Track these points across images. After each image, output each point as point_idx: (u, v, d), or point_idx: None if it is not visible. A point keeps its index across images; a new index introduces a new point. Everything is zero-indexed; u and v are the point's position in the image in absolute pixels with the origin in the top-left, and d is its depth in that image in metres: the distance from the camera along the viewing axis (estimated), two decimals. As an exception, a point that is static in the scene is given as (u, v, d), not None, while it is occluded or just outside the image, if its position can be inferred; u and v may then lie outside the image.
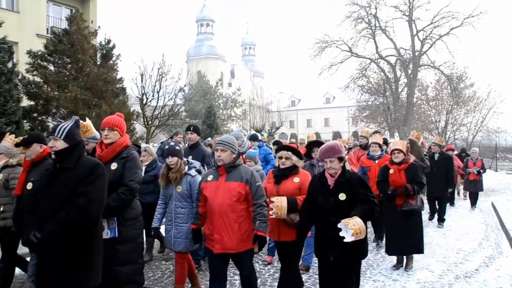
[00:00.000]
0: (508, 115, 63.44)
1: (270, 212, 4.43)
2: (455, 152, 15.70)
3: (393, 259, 7.03)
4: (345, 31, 72.03)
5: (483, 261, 7.00)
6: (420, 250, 6.41)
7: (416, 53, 35.13)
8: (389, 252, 6.51)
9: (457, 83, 35.26)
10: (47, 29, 21.74)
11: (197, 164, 5.55)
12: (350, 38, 36.54)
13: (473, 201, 13.00)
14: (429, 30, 34.87)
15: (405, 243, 6.22)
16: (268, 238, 5.03)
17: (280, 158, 4.88)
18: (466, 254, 7.42)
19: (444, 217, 10.16)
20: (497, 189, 17.52)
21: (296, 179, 4.81)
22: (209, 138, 11.12)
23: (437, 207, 10.33)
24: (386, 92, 36.77)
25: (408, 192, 6.07)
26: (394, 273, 6.33)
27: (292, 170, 4.86)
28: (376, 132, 10.73)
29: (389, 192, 6.23)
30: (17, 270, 5.39)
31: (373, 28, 35.59)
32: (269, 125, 42.57)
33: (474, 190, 12.97)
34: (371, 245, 7.95)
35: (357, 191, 4.02)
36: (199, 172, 5.23)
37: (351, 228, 3.69)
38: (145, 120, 22.90)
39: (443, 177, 9.90)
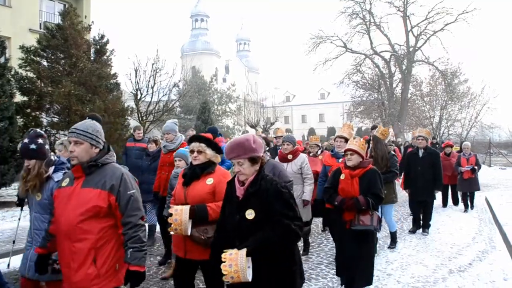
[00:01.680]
0: (501, 110, 63.81)
1: (168, 229, 3.58)
2: (455, 149, 13.98)
3: (388, 254, 7.07)
4: (339, 26, 72.56)
5: (477, 256, 7.05)
6: (368, 282, 4.95)
7: (411, 49, 35.24)
8: (337, 273, 5.28)
9: (451, 78, 35.45)
10: (40, 24, 21.62)
11: None
12: (344, 33, 36.75)
13: (469, 201, 11.61)
14: (424, 25, 35.04)
15: (351, 270, 4.91)
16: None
17: (192, 152, 3.89)
18: (460, 249, 7.46)
19: (430, 222, 8.78)
20: (491, 184, 17.61)
21: (210, 180, 3.75)
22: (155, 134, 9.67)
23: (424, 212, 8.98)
24: (381, 88, 36.88)
25: (359, 206, 4.74)
26: (388, 267, 6.36)
27: (206, 168, 3.81)
28: (374, 127, 10.55)
29: (336, 203, 4.95)
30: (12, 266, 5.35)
31: (367, 23, 35.67)
32: (264, 121, 42.54)
33: (470, 190, 11.52)
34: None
35: (271, 208, 2.95)
36: None
37: (223, 269, 2.83)
38: (139, 115, 22.82)
39: (429, 177, 8.30)
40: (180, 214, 3.54)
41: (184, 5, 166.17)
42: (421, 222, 8.83)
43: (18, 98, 15.01)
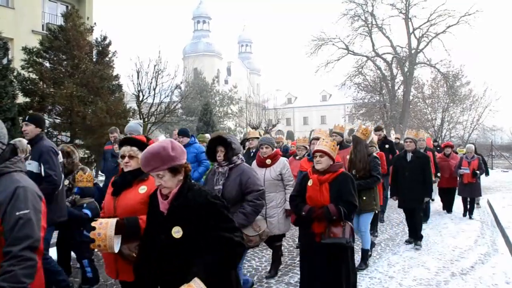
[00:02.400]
0: (504, 113, 63.70)
1: (91, 245, 3.06)
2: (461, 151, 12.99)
3: (390, 256, 7.05)
4: (341, 28, 72.41)
5: (479, 259, 7.02)
6: None
7: (413, 51, 35.21)
8: None
9: (453, 81, 35.41)
10: (42, 25, 21.66)
11: (34, 165, 4.61)
12: (346, 35, 36.72)
13: (469, 208, 10.70)
14: (426, 28, 35.03)
15: None
16: None
17: (122, 157, 3.46)
18: (462, 252, 7.44)
19: (423, 233, 7.98)
20: (493, 187, 17.56)
21: (143, 189, 3.33)
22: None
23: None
24: (383, 90, 36.86)
25: (330, 216, 4.19)
26: (390, 270, 6.34)
27: (139, 175, 3.37)
28: (378, 129, 10.35)
29: (303, 213, 4.35)
30: None
31: (369, 25, 35.65)
32: (266, 123, 42.53)
33: (470, 195, 10.64)
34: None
35: (204, 223, 2.53)
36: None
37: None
38: (141, 117, 22.83)
39: (418, 183, 7.47)
40: (104, 228, 3.02)
41: (186, 6, 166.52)
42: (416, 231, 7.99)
43: (21, 99, 15.05)
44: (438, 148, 15.48)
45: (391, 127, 35.34)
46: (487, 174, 11.05)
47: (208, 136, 12.63)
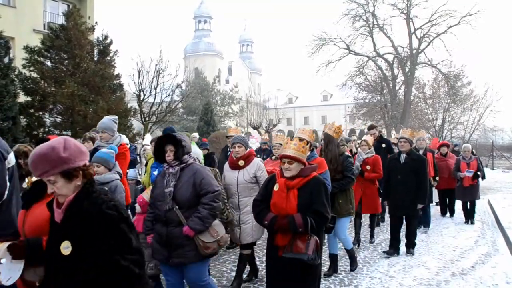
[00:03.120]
0: (505, 113, 63.66)
1: None
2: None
3: (390, 256, 7.05)
4: (343, 28, 72.37)
5: (479, 259, 7.03)
6: None
7: (414, 51, 35.15)
8: None
9: (454, 81, 35.34)
10: (44, 24, 21.68)
11: None
12: (347, 35, 36.55)
13: (469, 213, 10.06)
14: (427, 28, 34.92)
15: None
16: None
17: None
18: (463, 252, 7.44)
19: (416, 240, 7.39)
20: (494, 187, 17.56)
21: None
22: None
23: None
24: (384, 90, 36.80)
25: (295, 227, 3.62)
26: (390, 270, 6.34)
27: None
28: (371, 127, 9.81)
29: (265, 222, 3.80)
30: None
31: (371, 25, 35.59)
32: (267, 122, 42.53)
33: (471, 198, 10.00)
34: (367, 244, 7.99)
35: (94, 238, 2.12)
36: None
37: None
38: (142, 116, 22.88)
39: (412, 187, 6.83)
40: None
41: (187, 6, 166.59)
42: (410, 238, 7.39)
43: (22, 98, 15.08)
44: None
45: (392, 127, 35.36)
46: (483, 177, 10.27)
47: (196, 135, 12.43)
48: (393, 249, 7.14)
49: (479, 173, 9.94)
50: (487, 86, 37.82)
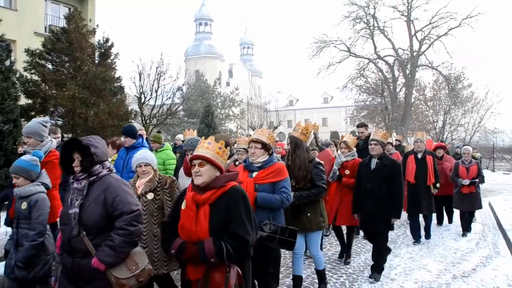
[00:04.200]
0: (505, 115, 63.73)
1: None
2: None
3: (391, 259, 7.05)
4: (343, 31, 72.38)
5: (480, 261, 7.03)
6: None
7: (414, 54, 35.17)
8: None
9: (455, 83, 35.36)
10: (45, 27, 21.71)
11: None
12: (348, 38, 36.61)
13: (466, 224, 9.06)
14: (427, 30, 34.97)
15: None
16: None
17: None
18: (464, 254, 7.45)
19: (385, 265, 6.33)
20: (494, 189, 17.56)
21: None
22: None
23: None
24: (384, 92, 36.82)
25: (205, 257, 2.89)
26: (391, 272, 6.34)
27: None
28: (361, 125, 8.94)
29: (172, 251, 3.06)
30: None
31: (371, 28, 35.64)
32: (267, 125, 42.59)
33: (469, 208, 8.94)
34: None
35: None
36: None
37: None
38: (143, 119, 22.89)
39: (383, 198, 5.82)
40: None
41: (188, 9, 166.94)
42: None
43: (23, 101, 15.09)
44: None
45: (392, 130, 35.39)
46: (482, 181, 9.10)
47: (180, 137, 11.94)
48: (377, 271, 6.07)
49: (476, 180, 8.72)
50: (488, 88, 37.90)
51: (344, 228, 7.08)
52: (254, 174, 4.35)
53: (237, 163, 5.81)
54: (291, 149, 5.13)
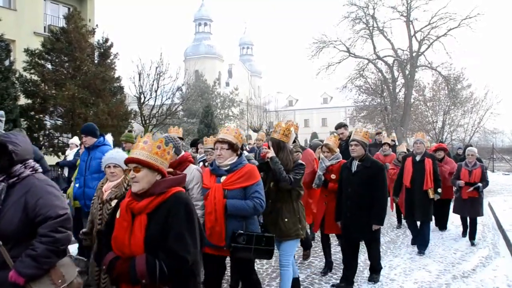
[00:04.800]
0: (505, 116, 63.81)
1: None
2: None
3: (391, 259, 7.04)
4: (343, 31, 72.27)
5: (480, 261, 7.03)
6: None
7: (414, 54, 35.18)
8: None
9: (454, 84, 35.38)
10: (44, 27, 21.70)
11: None
12: (348, 38, 36.60)
13: (469, 231, 8.31)
14: (427, 31, 34.96)
15: None
16: None
17: None
18: (463, 254, 7.44)
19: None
20: (494, 189, 17.54)
21: None
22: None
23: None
24: (384, 93, 36.82)
25: (135, 277, 2.51)
26: (391, 272, 6.34)
27: None
28: (339, 126, 8.30)
29: (104, 266, 2.77)
30: None
31: (370, 28, 35.63)
32: (267, 125, 42.63)
33: (470, 214, 8.16)
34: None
35: None
36: None
37: None
38: (142, 119, 22.91)
39: (364, 203, 5.38)
40: None
41: (187, 9, 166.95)
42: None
43: (22, 101, 15.10)
44: (461, 153, 13.29)
45: (392, 130, 35.42)
46: (486, 185, 8.22)
47: (159, 135, 11.75)
48: (346, 283, 5.59)
49: (479, 184, 7.91)
50: (487, 89, 37.94)
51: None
52: (223, 178, 3.95)
53: (206, 163, 5.43)
54: (274, 153, 4.59)
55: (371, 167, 5.42)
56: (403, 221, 9.38)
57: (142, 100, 23.63)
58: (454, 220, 10.56)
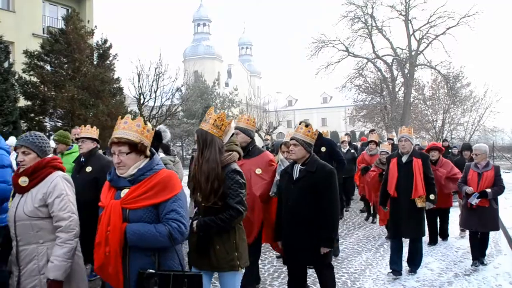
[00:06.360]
0: (505, 114, 63.84)
1: None
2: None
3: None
4: (341, 30, 72.66)
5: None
6: None
7: (413, 53, 35.24)
8: None
9: (454, 82, 35.42)
10: (43, 29, 21.72)
11: None
12: (346, 37, 36.70)
13: (479, 249, 6.56)
14: (426, 29, 35.04)
15: None
16: None
17: None
18: (465, 253, 7.42)
19: None
20: (495, 188, 17.55)
21: None
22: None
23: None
24: (383, 92, 36.86)
25: None
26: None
27: None
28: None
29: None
30: None
31: (369, 27, 35.67)
32: (267, 125, 42.62)
33: (480, 228, 6.38)
34: (369, 245, 7.97)
35: None
36: None
37: None
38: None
39: (308, 219, 4.18)
40: None
41: (186, 9, 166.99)
42: None
43: (22, 102, 15.10)
44: (450, 151, 12.51)
45: (392, 129, 35.42)
46: (501, 191, 6.45)
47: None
48: None
49: (488, 190, 6.18)
50: (487, 87, 37.88)
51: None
52: (124, 192, 2.74)
53: None
54: (198, 150, 3.46)
55: (317, 172, 4.18)
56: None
57: (141, 101, 23.63)
58: (455, 219, 10.53)
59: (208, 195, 3.32)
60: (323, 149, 6.78)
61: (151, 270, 2.62)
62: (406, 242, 6.23)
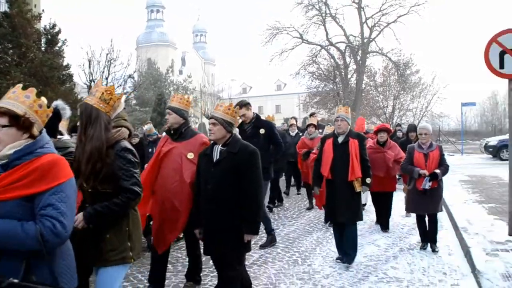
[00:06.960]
0: (451, 100, 66.46)
1: None
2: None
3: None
4: (296, 18, 72.97)
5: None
6: None
7: (365, 40, 36.00)
8: None
9: (404, 69, 36.54)
10: (-15, 12, 20.75)
11: None
12: (301, 25, 36.94)
13: (432, 233, 6.44)
14: (378, 17, 35.85)
15: None
16: None
17: None
18: (410, 229, 7.79)
19: None
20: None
21: None
22: None
23: None
24: (336, 78, 37.51)
25: None
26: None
27: None
28: (241, 104, 6.46)
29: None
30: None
31: (323, 15, 36.08)
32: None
33: (430, 210, 6.33)
34: (320, 225, 8.21)
35: None
36: None
37: None
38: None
39: (228, 204, 3.82)
40: None
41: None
42: None
43: (-36, 89, 14.45)
44: (395, 134, 12.84)
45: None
46: (446, 171, 6.42)
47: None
48: None
49: (437, 171, 6.15)
50: (434, 74, 39.31)
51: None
52: None
53: None
54: (80, 127, 3.01)
55: (240, 153, 3.82)
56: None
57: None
58: (401, 198, 10.90)
59: (88, 178, 2.88)
60: (261, 131, 6.55)
61: (13, 279, 2.02)
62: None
